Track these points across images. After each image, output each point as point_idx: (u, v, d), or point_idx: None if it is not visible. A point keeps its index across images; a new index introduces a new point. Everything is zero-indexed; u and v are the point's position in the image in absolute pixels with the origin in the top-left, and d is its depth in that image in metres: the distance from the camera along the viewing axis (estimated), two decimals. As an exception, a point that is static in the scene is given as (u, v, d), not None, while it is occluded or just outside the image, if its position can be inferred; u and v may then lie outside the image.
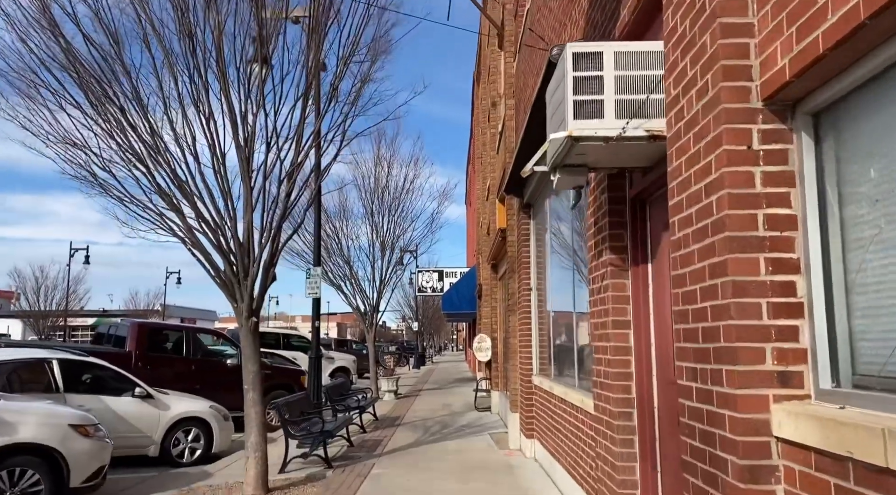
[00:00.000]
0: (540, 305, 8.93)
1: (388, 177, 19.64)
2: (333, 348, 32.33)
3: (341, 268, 19.45)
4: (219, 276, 7.28)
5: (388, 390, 18.71)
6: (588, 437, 5.14)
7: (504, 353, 13.79)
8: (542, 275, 8.85)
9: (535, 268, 9.07)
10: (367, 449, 9.77)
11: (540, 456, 8.31)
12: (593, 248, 4.54)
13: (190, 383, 12.66)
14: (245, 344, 7.35)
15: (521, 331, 9.34)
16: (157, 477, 8.90)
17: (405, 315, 58.94)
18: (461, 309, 25.30)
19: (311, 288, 10.83)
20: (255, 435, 7.18)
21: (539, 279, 8.97)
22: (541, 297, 8.89)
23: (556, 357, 7.52)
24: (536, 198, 8.75)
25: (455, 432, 11.44)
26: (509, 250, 10.08)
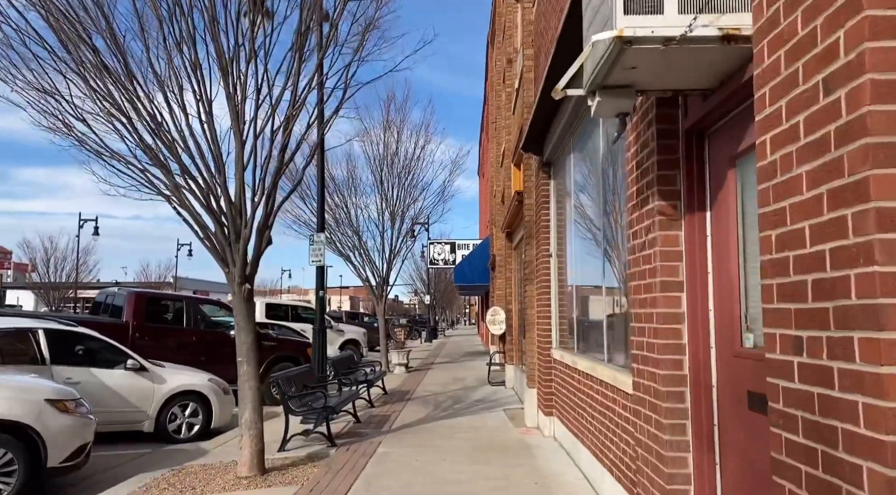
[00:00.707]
0: (560, 273, 8.21)
1: (398, 144, 18.87)
2: (344, 321, 31.93)
3: (350, 238, 18.80)
4: (208, 239, 6.61)
5: (399, 363, 18.17)
6: (622, 419, 4.45)
7: (519, 326, 13.12)
8: (562, 240, 8.11)
9: (556, 233, 8.33)
10: (374, 426, 9.18)
11: (560, 436, 7.66)
12: (635, 196, 3.79)
13: (192, 355, 12.13)
14: (238, 313, 6.71)
15: (540, 301, 8.63)
16: (150, 454, 8.37)
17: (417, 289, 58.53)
18: (474, 281, 24.64)
19: (314, 255, 10.17)
20: (249, 411, 6.58)
21: (560, 244, 8.23)
22: (561, 264, 8.16)
23: (579, 328, 6.82)
24: (558, 155, 7.97)
25: (468, 408, 10.83)
26: (526, 214, 9.33)
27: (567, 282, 7.90)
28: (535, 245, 9.12)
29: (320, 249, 10.15)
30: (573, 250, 7.09)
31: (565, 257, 8.00)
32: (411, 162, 18.76)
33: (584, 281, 6.65)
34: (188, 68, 6.38)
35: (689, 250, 3.32)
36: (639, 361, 3.74)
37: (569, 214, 7.51)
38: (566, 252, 7.95)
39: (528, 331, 9.19)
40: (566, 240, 7.92)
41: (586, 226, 6.44)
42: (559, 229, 8.28)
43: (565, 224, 8.02)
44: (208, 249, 6.67)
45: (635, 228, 3.80)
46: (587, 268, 6.46)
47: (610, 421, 4.95)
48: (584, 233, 6.56)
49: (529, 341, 9.13)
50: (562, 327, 8.15)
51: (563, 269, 8.14)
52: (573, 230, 7.04)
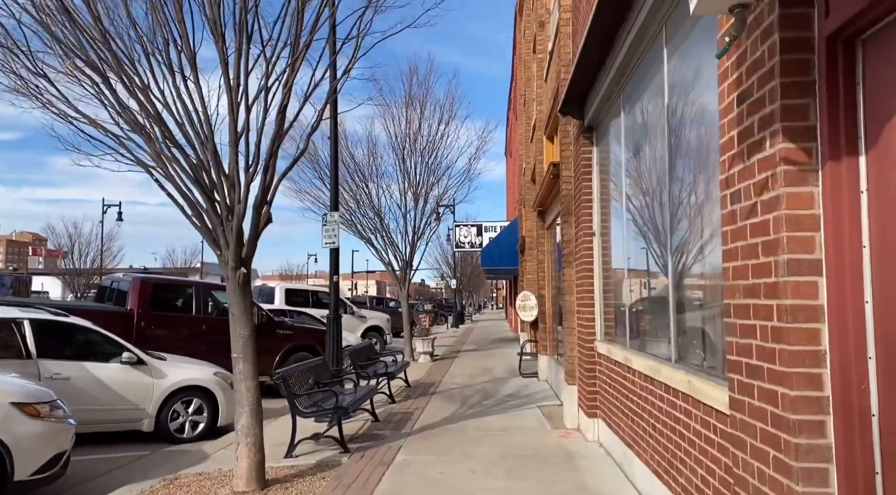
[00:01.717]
0: (605, 253, 7.14)
1: (421, 120, 17.80)
2: (369, 306, 31.17)
3: (372, 220, 17.87)
4: (198, 216, 5.69)
5: (423, 352, 17.27)
6: (705, 442, 3.42)
7: (554, 313, 12.08)
8: (607, 216, 7.04)
9: (599, 208, 7.25)
10: (393, 426, 8.26)
11: (607, 442, 6.64)
12: (735, 144, 2.71)
13: (202, 345, 11.35)
14: (233, 301, 5.80)
15: (580, 286, 7.59)
16: (147, 457, 7.57)
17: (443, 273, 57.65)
18: (502, 264, 23.63)
19: (327, 236, 9.24)
20: (246, 416, 5.68)
21: (604, 221, 7.16)
22: (605, 243, 7.09)
23: (633, 319, 5.76)
24: (602, 117, 6.87)
25: (498, 404, 9.86)
26: (564, 188, 8.25)
27: (613, 264, 6.83)
28: (573, 222, 8.05)
29: (334, 230, 9.21)
30: (624, 227, 6.01)
31: (610, 235, 6.93)
32: (435, 138, 17.69)
33: (638, 263, 5.58)
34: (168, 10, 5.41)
35: (833, 214, 2.26)
36: (743, 371, 2.69)
37: (617, 186, 6.42)
38: (611, 229, 6.87)
39: (567, 319, 8.16)
40: (612, 215, 6.84)
41: (643, 197, 5.36)
42: (603, 203, 7.20)
43: (611, 197, 6.93)
44: (198, 229, 5.75)
45: (735, 188, 2.74)
46: (644, 247, 5.39)
47: (682, 438, 3.92)
48: (640, 207, 5.48)
49: (568, 331, 8.10)
50: (607, 317, 7.10)
51: (607, 250, 7.07)
52: (624, 203, 5.96)
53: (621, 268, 6.32)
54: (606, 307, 7.13)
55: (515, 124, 30.64)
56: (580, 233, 7.54)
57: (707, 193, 3.62)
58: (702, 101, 3.70)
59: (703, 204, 3.71)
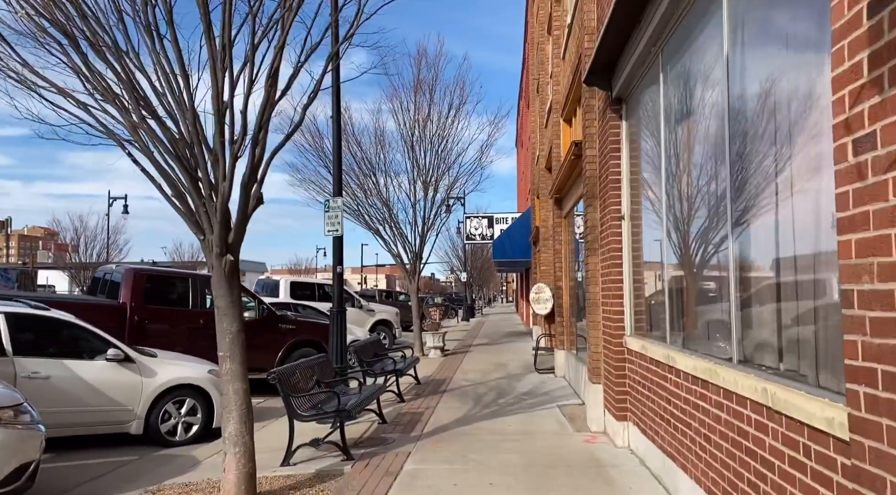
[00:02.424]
0: (635, 239, 6.42)
1: (431, 106, 17.06)
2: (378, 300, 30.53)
3: (380, 210, 17.19)
4: (178, 196, 5.01)
5: (434, 346, 16.60)
6: (795, 466, 2.70)
7: (572, 306, 11.37)
8: (638, 197, 6.31)
9: (629, 189, 6.52)
10: (402, 428, 7.58)
11: (640, 449, 5.93)
12: (867, 68, 1.98)
13: (199, 341, 10.70)
14: (219, 293, 5.12)
15: (607, 275, 6.86)
16: (135, 462, 6.95)
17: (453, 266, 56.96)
18: (514, 256, 22.91)
19: (330, 223, 8.56)
20: (234, 422, 5.01)
21: (634, 203, 6.44)
22: (637, 227, 6.37)
23: (674, 310, 5.04)
24: (634, 85, 6.13)
25: (514, 403, 9.16)
26: (587, 169, 7.52)
27: (646, 250, 6.11)
28: (598, 206, 7.32)
29: (337, 217, 8.53)
30: (663, 208, 5.29)
31: (642, 219, 6.20)
32: (445, 123, 16.94)
33: (681, 247, 4.86)
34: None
35: None
36: (878, 383, 1.96)
37: (653, 162, 5.69)
38: (644, 212, 6.14)
39: (591, 312, 7.44)
40: (645, 196, 6.11)
41: (690, 170, 4.63)
42: (633, 184, 6.47)
43: (642, 176, 6.21)
44: (179, 211, 5.08)
45: (863, 132, 2.01)
46: (686, 228, 4.67)
47: (752, 457, 3.21)
48: (686, 182, 4.76)
49: (592, 325, 7.38)
50: (638, 309, 6.38)
51: (639, 235, 6.34)
52: (663, 180, 5.23)
53: (658, 255, 5.60)
54: (637, 298, 6.41)
55: (527, 113, 29.83)
56: (607, 217, 6.81)
57: (796, 150, 2.89)
58: (781, 32, 2.96)
59: (787, 164, 2.98)
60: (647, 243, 6.04)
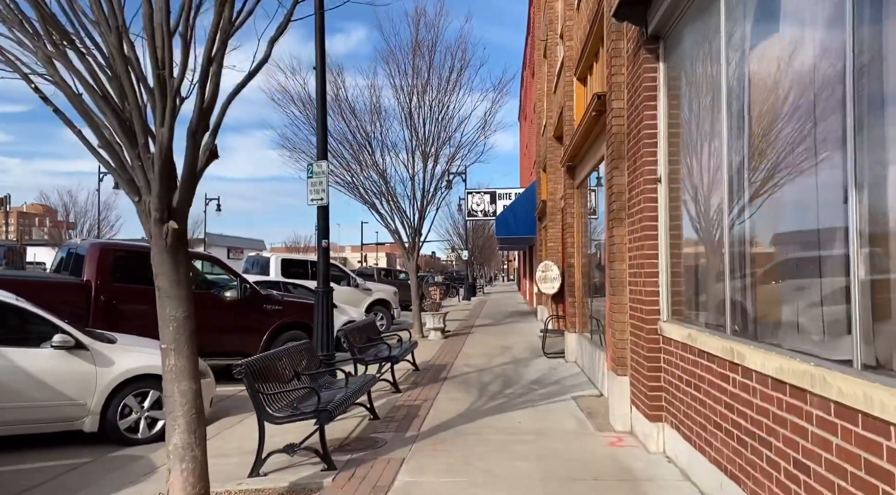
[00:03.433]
0: (674, 206, 5.34)
1: (430, 69, 15.84)
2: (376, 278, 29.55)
3: (376, 183, 16.07)
4: (105, 147, 3.93)
5: (434, 328, 15.60)
6: None
7: (584, 285, 10.33)
8: (679, 155, 5.23)
9: (667, 145, 5.43)
10: (396, 426, 6.58)
11: (682, 459, 4.92)
12: None
13: (173, 323, 9.70)
14: (161, 271, 4.05)
15: (636, 249, 5.81)
16: (83, 467, 5.97)
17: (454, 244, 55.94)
18: (518, 233, 21.84)
19: (314, 191, 7.48)
20: (180, 431, 3.98)
21: (673, 163, 5.35)
22: (676, 192, 5.29)
23: (737, 292, 3.98)
24: (678, 18, 5.01)
25: (523, 394, 8.15)
26: (613, 124, 6.41)
27: (691, 219, 5.04)
28: (626, 168, 6.24)
29: (322, 183, 7.44)
30: (723, 165, 4.20)
31: (685, 181, 5.13)
32: (446, 87, 15.74)
33: (748, 214, 3.78)
34: None
35: None
36: None
37: (705, 111, 4.59)
38: (688, 172, 5.07)
39: (615, 293, 6.39)
40: (689, 154, 5.03)
41: (770, 120, 3.54)
42: (673, 139, 5.38)
43: (686, 129, 5.12)
44: (106, 165, 4.00)
45: None
46: (778, 191, 3.59)
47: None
48: (759, 130, 3.67)
49: (616, 308, 6.34)
50: (677, 289, 5.33)
51: (678, 200, 5.27)
52: (725, 130, 4.14)
53: (710, 224, 4.53)
54: (676, 277, 5.35)
55: (531, 84, 28.54)
56: (638, 181, 5.73)
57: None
58: None
59: None
60: (694, 210, 4.96)
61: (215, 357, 10.18)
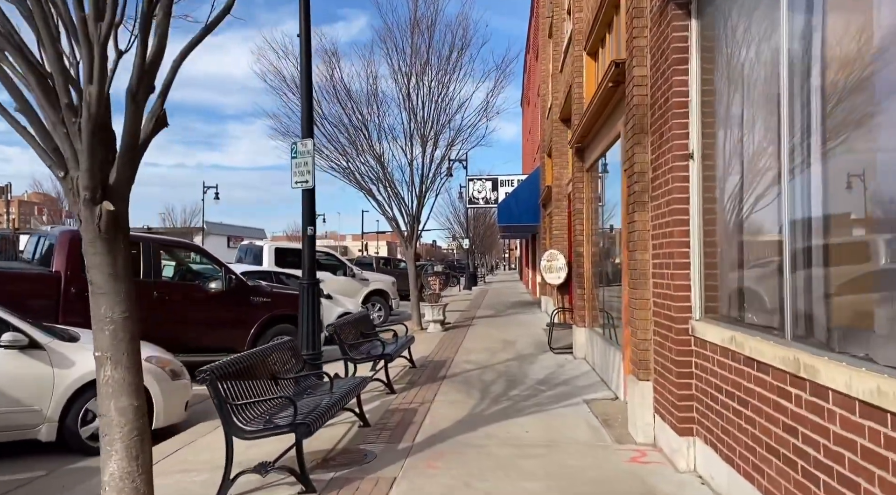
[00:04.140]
0: (708, 186, 4.60)
1: (430, 49, 15.01)
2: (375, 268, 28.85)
3: (373, 168, 15.31)
4: (25, 111, 3.19)
5: (433, 320, 14.89)
6: None
7: (595, 275, 9.59)
8: (713, 127, 4.48)
9: (699, 116, 4.67)
10: (388, 435, 5.87)
11: (722, 484, 4.20)
12: None
13: (150, 317, 9.01)
14: (94, 263, 3.32)
15: (662, 237, 5.07)
16: (35, 482, 5.28)
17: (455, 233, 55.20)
18: (521, 220, 21.08)
19: (299, 172, 6.74)
20: (118, 457, 3.26)
21: (707, 136, 4.60)
22: (711, 170, 4.54)
23: (800, 290, 3.24)
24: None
25: (530, 396, 7.44)
26: (634, 95, 5.64)
27: (732, 200, 4.30)
28: (649, 144, 5.49)
29: (307, 164, 6.70)
30: (789, 138, 3.45)
31: (722, 157, 4.39)
32: (446, 66, 14.92)
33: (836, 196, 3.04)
34: None
35: None
36: None
37: (754, 72, 3.84)
38: (725, 147, 4.32)
39: (635, 286, 5.66)
40: (730, 124, 4.28)
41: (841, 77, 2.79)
42: (706, 109, 4.62)
43: (720, 98, 4.37)
44: (24, 135, 3.26)
45: None
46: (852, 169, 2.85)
47: None
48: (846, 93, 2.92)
49: (638, 304, 5.61)
50: (711, 284, 4.59)
51: (714, 178, 4.53)
52: (786, 98, 3.38)
53: (760, 206, 3.79)
54: (710, 268, 4.62)
55: (535, 67, 27.65)
56: (665, 157, 4.98)
57: None
58: None
59: None
60: (734, 190, 4.22)
61: (197, 353, 9.51)
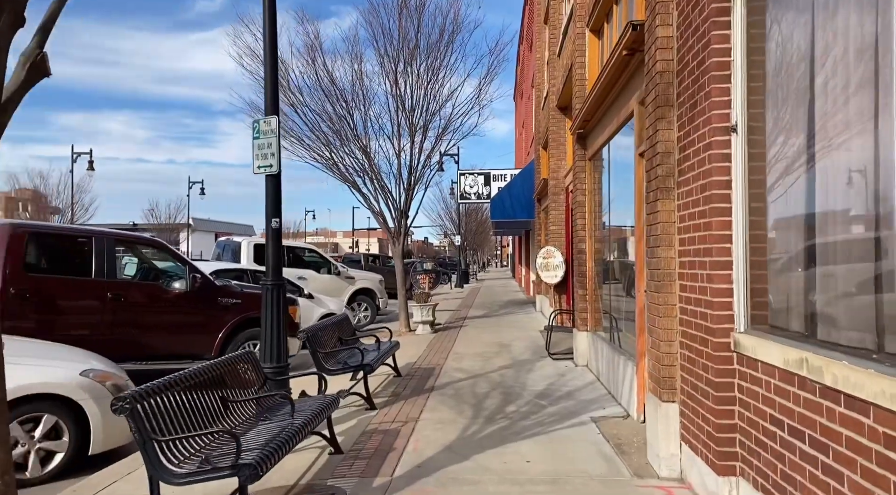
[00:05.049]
0: (755, 165, 3.68)
1: (419, 32, 14.04)
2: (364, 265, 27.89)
3: (358, 159, 14.35)
4: None
5: (422, 321, 13.96)
6: None
7: (598, 274, 8.68)
8: (763, 96, 3.57)
9: (745, 82, 3.75)
10: (362, 467, 4.92)
11: (778, 544, 3.28)
12: None
13: (103, 321, 8.05)
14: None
15: (695, 229, 4.16)
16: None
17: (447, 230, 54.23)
18: (515, 215, 20.16)
19: (261, 155, 5.76)
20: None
21: (755, 106, 3.68)
22: (760, 147, 3.63)
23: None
24: None
25: (529, 414, 6.52)
26: (657, 61, 4.71)
27: (786, 183, 3.38)
28: (675, 118, 4.57)
29: (271, 146, 5.73)
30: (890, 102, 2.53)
31: (773, 131, 3.47)
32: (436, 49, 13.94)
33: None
34: None
35: None
36: None
37: (822, 23, 2.92)
38: (777, 120, 3.40)
39: (659, 288, 4.74)
40: (782, 92, 3.36)
41: None
42: (755, 71, 3.70)
43: (774, 58, 3.45)
44: None
45: None
46: None
47: None
48: None
49: (662, 310, 4.69)
50: (757, 285, 3.68)
51: (762, 160, 3.61)
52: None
53: (838, 188, 2.87)
54: (758, 268, 3.70)
55: (529, 58, 26.72)
56: (698, 133, 4.06)
57: None
58: None
59: None
60: (798, 170, 3.30)
61: (159, 361, 8.54)
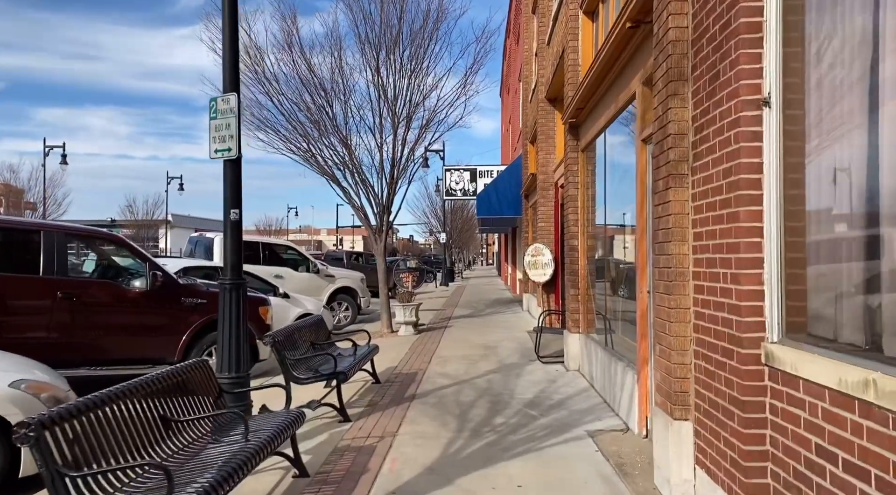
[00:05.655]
0: (792, 145, 3.10)
1: (402, 19, 13.39)
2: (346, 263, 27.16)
3: (338, 152, 13.68)
4: None
5: (405, 321, 13.33)
6: None
7: (590, 273, 8.11)
8: (802, 63, 2.99)
9: (780, 48, 3.18)
10: (332, 493, 4.29)
11: None
12: None
13: (49, 325, 7.34)
14: None
15: (716, 222, 3.58)
16: None
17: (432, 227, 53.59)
18: (501, 212, 19.57)
19: (219, 138, 5.10)
20: None
21: (792, 75, 3.11)
22: (799, 125, 3.05)
23: None
24: None
25: (519, 427, 5.92)
26: (670, 31, 4.12)
27: (834, 168, 2.80)
28: (690, 95, 3.98)
29: (230, 127, 5.07)
30: None
31: (815, 106, 2.89)
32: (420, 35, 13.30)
33: None
34: None
35: None
36: None
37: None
38: (819, 90, 2.82)
39: (671, 290, 4.16)
40: (824, 57, 2.78)
41: None
42: (792, 34, 3.13)
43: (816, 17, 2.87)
44: None
45: None
46: None
47: None
48: None
49: (674, 315, 4.11)
50: (794, 287, 3.11)
51: (800, 139, 3.04)
52: None
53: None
54: (795, 267, 3.13)
55: (515, 52, 26.14)
56: (721, 109, 3.48)
57: None
58: None
59: None
60: (851, 151, 2.72)
61: (117, 366, 7.84)
